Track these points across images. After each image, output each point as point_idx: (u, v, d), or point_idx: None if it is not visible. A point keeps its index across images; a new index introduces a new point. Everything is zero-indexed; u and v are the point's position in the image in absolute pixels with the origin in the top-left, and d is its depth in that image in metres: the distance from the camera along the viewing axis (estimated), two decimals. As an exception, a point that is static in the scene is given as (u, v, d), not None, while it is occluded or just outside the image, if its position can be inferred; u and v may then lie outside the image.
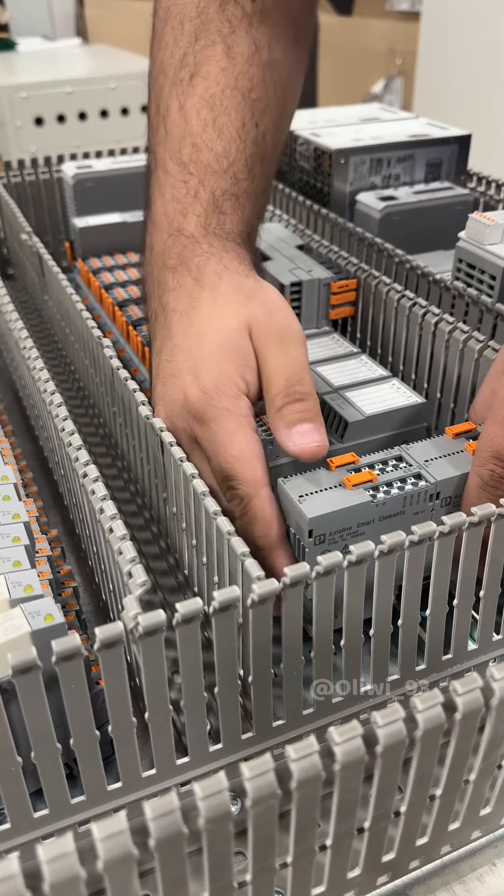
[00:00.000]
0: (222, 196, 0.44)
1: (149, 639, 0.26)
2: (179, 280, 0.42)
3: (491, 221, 0.52)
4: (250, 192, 0.46)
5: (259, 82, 0.46)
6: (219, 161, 0.44)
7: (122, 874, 0.20)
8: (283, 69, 0.48)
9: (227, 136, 0.45)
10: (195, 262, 0.42)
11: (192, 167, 0.44)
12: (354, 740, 0.22)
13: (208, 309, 0.41)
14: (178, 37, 0.47)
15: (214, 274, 0.42)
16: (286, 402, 0.38)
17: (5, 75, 1.41)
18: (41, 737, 0.26)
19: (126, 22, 2.11)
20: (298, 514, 0.35)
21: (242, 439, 0.37)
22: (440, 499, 0.38)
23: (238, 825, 0.22)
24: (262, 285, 0.42)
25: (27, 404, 0.57)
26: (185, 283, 0.42)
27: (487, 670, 0.25)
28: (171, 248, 0.43)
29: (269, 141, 0.47)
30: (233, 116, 0.45)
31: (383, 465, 0.38)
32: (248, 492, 0.37)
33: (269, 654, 0.29)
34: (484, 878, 0.32)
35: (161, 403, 0.40)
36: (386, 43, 2.21)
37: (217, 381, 0.38)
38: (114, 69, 1.47)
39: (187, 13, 0.47)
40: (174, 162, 0.45)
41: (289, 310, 0.41)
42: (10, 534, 0.36)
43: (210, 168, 0.44)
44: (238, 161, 0.45)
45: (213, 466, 0.38)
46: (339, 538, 0.36)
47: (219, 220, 0.44)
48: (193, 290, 0.42)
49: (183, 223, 0.43)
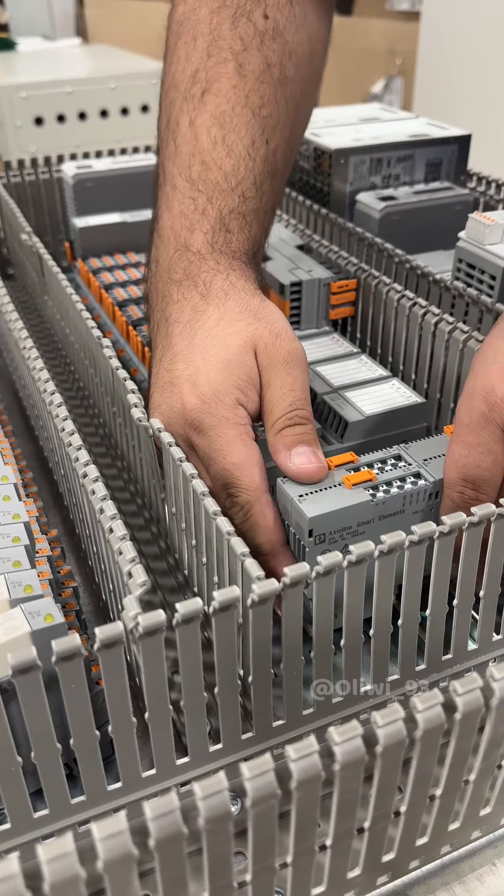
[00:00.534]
0: (229, 215, 0.44)
1: (149, 639, 0.26)
2: (184, 293, 0.43)
3: (491, 221, 0.52)
4: (258, 211, 0.46)
5: (270, 99, 0.46)
6: (227, 180, 0.45)
7: (122, 874, 0.20)
8: (296, 85, 0.48)
9: (236, 154, 0.45)
10: (202, 277, 0.42)
11: (201, 185, 0.44)
12: (354, 740, 0.22)
13: (214, 323, 0.41)
14: (191, 52, 0.47)
15: (221, 290, 0.42)
16: (287, 424, 0.38)
17: (5, 75, 1.41)
18: (41, 737, 0.26)
19: (126, 22, 2.11)
20: (298, 514, 0.35)
21: (242, 447, 0.37)
22: (439, 497, 0.38)
23: (238, 825, 0.22)
24: (268, 305, 0.42)
25: (27, 404, 0.57)
26: (191, 296, 0.42)
27: (487, 670, 0.25)
28: (177, 263, 0.43)
29: (280, 158, 0.48)
30: (243, 134, 0.45)
31: (382, 465, 0.38)
32: (248, 499, 0.37)
33: (269, 654, 0.29)
34: (484, 878, 0.32)
35: (158, 412, 0.40)
36: (386, 43, 2.21)
37: (216, 389, 0.38)
38: (114, 69, 1.47)
39: (200, 29, 0.47)
40: (183, 178, 0.45)
41: (292, 332, 0.41)
42: (10, 534, 0.36)
43: (218, 186, 0.44)
44: (247, 179, 0.45)
45: (210, 474, 0.38)
46: (339, 537, 0.36)
47: (225, 238, 0.44)
48: (199, 304, 0.42)
49: (190, 239, 0.44)
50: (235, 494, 0.37)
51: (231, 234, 0.44)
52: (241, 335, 0.40)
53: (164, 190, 0.46)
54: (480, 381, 0.36)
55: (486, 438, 0.36)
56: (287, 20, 0.47)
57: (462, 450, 0.36)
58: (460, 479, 0.36)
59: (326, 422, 0.46)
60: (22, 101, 1.30)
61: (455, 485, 0.36)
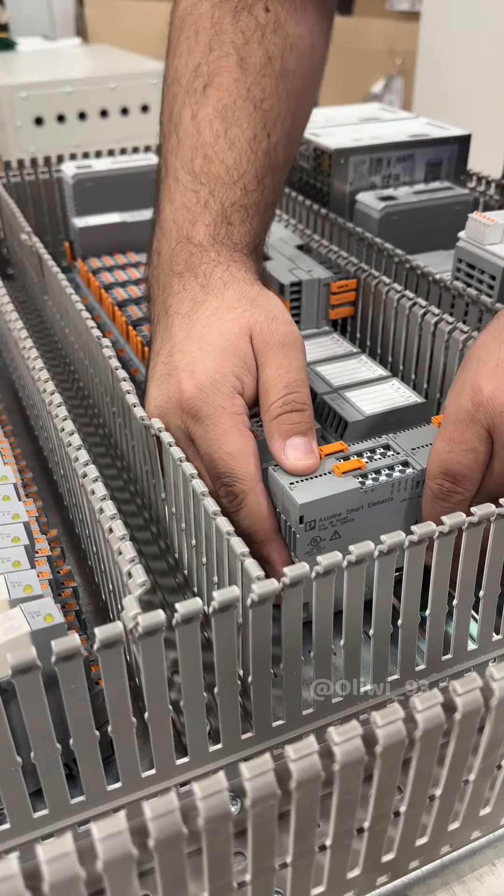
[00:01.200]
0: (231, 207, 0.45)
1: (148, 639, 0.26)
2: (185, 285, 0.43)
3: (491, 221, 0.52)
4: (259, 204, 0.46)
5: (271, 93, 0.47)
6: (229, 173, 0.45)
7: (122, 874, 0.20)
8: (297, 79, 0.49)
9: (238, 148, 0.45)
10: (202, 269, 0.43)
11: (203, 178, 0.45)
12: (354, 740, 0.22)
13: (211, 313, 0.41)
14: (193, 47, 0.47)
15: (220, 281, 0.42)
16: (283, 411, 0.38)
17: (5, 75, 1.41)
18: (41, 737, 0.26)
19: (126, 22, 2.11)
20: (289, 501, 0.36)
21: (237, 436, 0.38)
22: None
23: (238, 825, 0.22)
24: (266, 294, 0.42)
25: (27, 404, 0.57)
26: (191, 287, 0.42)
27: (487, 670, 0.25)
28: (179, 255, 0.44)
29: (281, 151, 0.48)
30: (244, 127, 0.46)
31: (371, 454, 0.39)
32: (243, 488, 0.37)
33: (269, 654, 0.29)
34: (484, 878, 0.32)
35: (154, 403, 0.41)
36: (386, 43, 2.21)
37: (213, 378, 0.39)
38: (114, 69, 1.47)
39: (202, 24, 0.47)
40: (185, 171, 0.45)
41: (290, 318, 0.41)
42: (10, 534, 0.36)
43: (221, 179, 0.45)
44: (248, 172, 0.45)
45: (206, 463, 0.39)
46: (328, 524, 0.37)
47: (227, 230, 0.44)
48: (198, 295, 0.42)
49: (192, 231, 0.44)
50: (230, 484, 0.37)
51: (233, 226, 0.44)
52: (236, 322, 0.40)
53: (166, 183, 0.46)
54: (470, 379, 0.37)
55: (469, 437, 0.36)
56: (288, 13, 0.48)
57: (446, 445, 0.37)
58: (441, 472, 0.37)
59: (326, 422, 0.46)
60: (22, 101, 1.30)
61: (435, 477, 0.37)
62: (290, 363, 0.39)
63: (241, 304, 0.41)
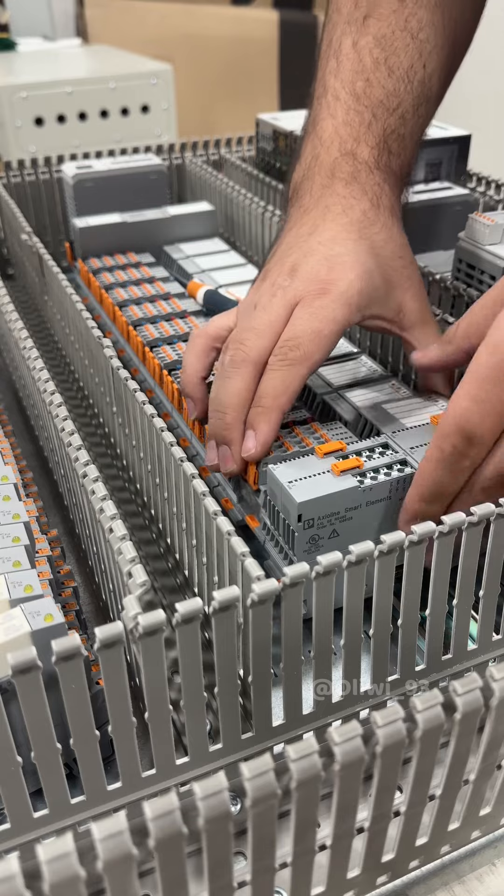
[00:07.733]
0: (391, 135, 0.47)
1: (149, 639, 0.26)
2: (353, 193, 0.45)
3: (491, 221, 0.52)
4: (413, 134, 0.48)
5: (428, 23, 0.48)
6: (389, 99, 0.47)
7: (122, 874, 0.20)
8: (455, 9, 0.50)
9: (396, 76, 0.47)
10: (371, 188, 0.45)
11: (365, 100, 0.47)
12: (354, 740, 0.22)
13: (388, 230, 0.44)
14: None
15: (389, 209, 0.45)
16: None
17: (5, 75, 1.41)
18: (41, 737, 0.26)
19: (126, 22, 2.11)
20: (288, 499, 0.36)
21: (335, 336, 0.40)
22: None
23: (238, 825, 0.22)
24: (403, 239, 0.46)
25: (27, 404, 0.57)
26: (361, 199, 0.45)
27: (487, 670, 0.25)
28: (342, 166, 0.46)
29: (436, 83, 0.50)
30: (402, 57, 0.48)
31: (370, 452, 0.39)
32: (300, 356, 0.39)
33: (269, 654, 0.29)
34: (484, 878, 0.32)
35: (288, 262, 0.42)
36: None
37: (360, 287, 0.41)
38: (114, 69, 1.47)
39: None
40: (347, 92, 0.47)
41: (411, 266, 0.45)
42: (10, 534, 0.36)
43: (382, 105, 0.47)
44: (406, 101, 0.47)
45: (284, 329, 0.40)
46: (326, 522, 0.37)
47: (388, 158, 0.46)
48: (368, 210, 0.44)
49: (356, 148, 0.46)
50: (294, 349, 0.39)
51: (392, 155, 0.47)
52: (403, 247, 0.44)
53: (325, 100, 0.48)
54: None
55: (496, 396, 0.34)
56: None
57: (466, 402, 0.34)
58: (456, 431, 0.34)
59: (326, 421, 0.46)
60: (22, 101, 1.30)
61: (448, 436, 0.35)
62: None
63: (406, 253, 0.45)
